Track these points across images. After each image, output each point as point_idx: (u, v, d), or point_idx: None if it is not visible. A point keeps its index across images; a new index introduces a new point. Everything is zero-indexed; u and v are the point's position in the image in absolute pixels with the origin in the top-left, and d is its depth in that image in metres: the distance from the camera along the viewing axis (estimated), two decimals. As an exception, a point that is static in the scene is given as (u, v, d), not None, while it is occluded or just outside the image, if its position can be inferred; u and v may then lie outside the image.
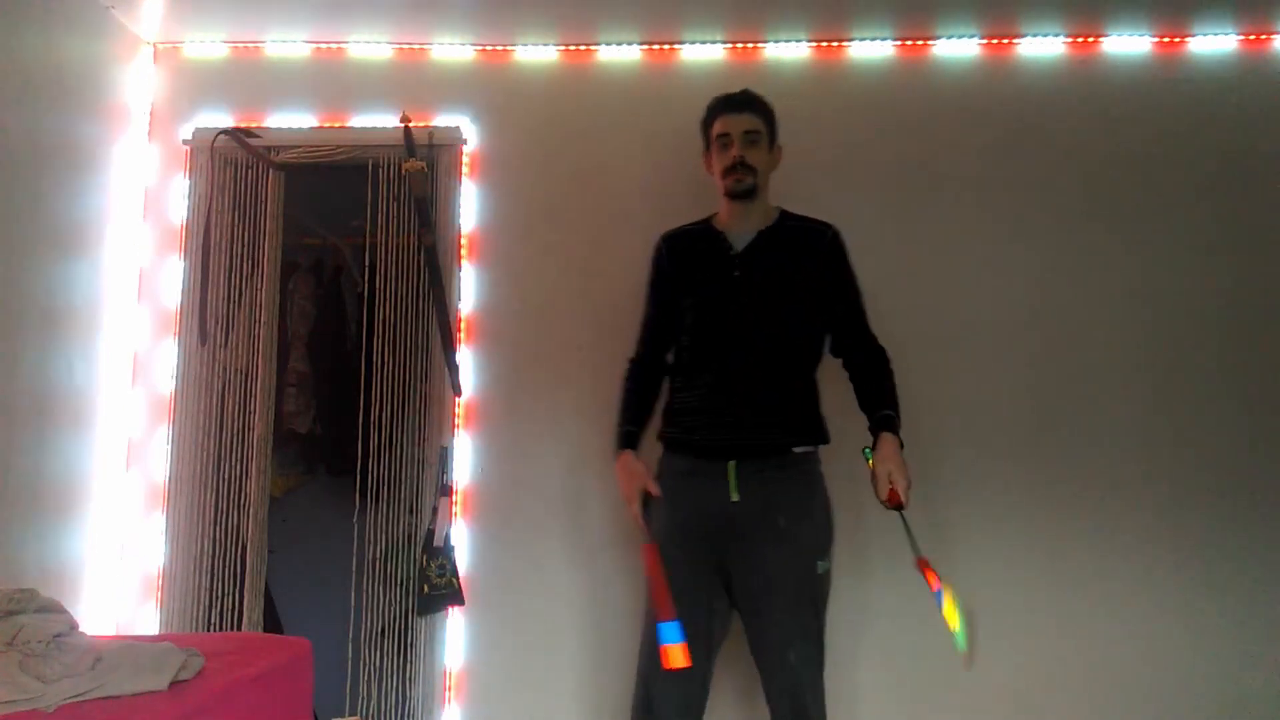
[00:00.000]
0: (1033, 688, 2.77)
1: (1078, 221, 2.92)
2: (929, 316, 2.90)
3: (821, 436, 2.25)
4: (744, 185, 2.24)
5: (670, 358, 2.35)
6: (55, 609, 1.80)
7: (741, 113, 2.28)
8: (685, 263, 2.32)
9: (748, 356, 2.19)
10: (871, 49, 3.01)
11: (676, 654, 1.86)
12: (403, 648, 2.90)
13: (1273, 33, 2.96)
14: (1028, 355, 2.88)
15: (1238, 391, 2.85)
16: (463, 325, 2.94)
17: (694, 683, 2.13)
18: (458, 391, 2.89)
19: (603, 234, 2.96)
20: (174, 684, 1.60)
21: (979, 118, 2.97)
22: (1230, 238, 2.90)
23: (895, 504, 2.07)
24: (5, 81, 2.36)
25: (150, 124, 3.01)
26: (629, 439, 2.27)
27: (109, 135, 2.83)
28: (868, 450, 2.14)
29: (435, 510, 2.83)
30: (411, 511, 2.94)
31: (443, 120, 3.00)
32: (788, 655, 2.09)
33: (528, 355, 2.94)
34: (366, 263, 3.02)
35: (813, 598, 2.14)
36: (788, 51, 3.02)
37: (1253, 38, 2.96)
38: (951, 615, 1.98)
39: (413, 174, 2.89)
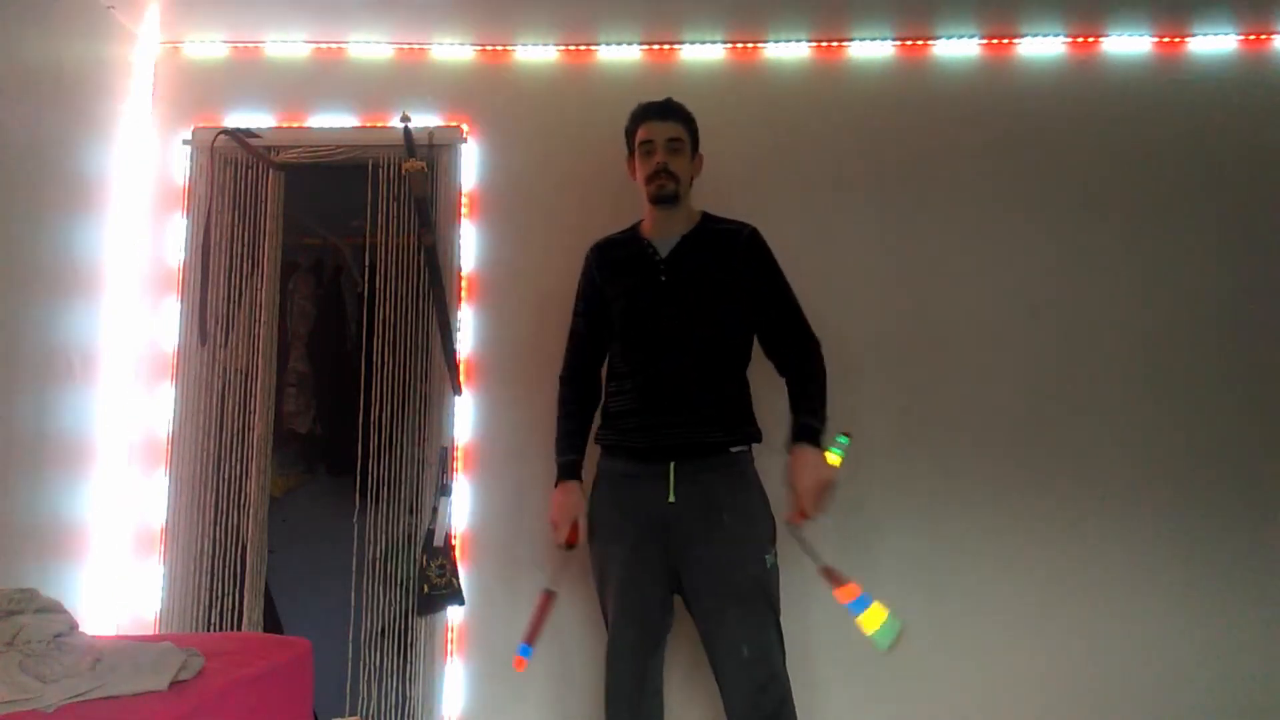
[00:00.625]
0: (1031, 687, 2.77)
1: (1077, 221, 2.92)
2: (928, 317, 2.90)
3: (755, 435, 2.28)
4: (666, 191, 2.29)
5: (603, 370, 2.39)
6: (55, 609, 1.80)
7: (665, 120, 2.33)
8: (613, 270, 2.37)
9: (680, 358, 2.22)
10: (872, 49, 3.01)
11: (520, 662, 2.23)
12: (403, 648, 2.90)
13: (1273, 33, 2.96)
14: (1027, 355, 2.88)
15: (1238, 391, 2.85)
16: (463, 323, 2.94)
17: (642, 670, 2.20)
18: (458, 391, 2.89)
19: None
20: (174, 684, 1.59)
21: (979, 118, 2.97)
22: (1230, 238, 2.90)
23: (797, 523, 2.10)
24: (5, 82, 2.36)
25: (150, 124, 3.01)
26: (569, 469, 2.31)
27: (109, 135, 2.83)
28: (841, 437, 2.14)
29: (435, 510, 2.83)
30: (411, 511, 2.94)
31: (442, 120, 3.00)
32: (741, 650, 2.09)
33: (527, 358, 2.94)
34: (366, 263, 3.02)
35: (765, 592, 2.15)
36: (788, 52, 3.02)
37: (1253, 38, 2.96)
38: (870, 621, 2.00)
39: (413, 174, 2.89)
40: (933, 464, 2.84)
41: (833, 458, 2.11)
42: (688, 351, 2.22)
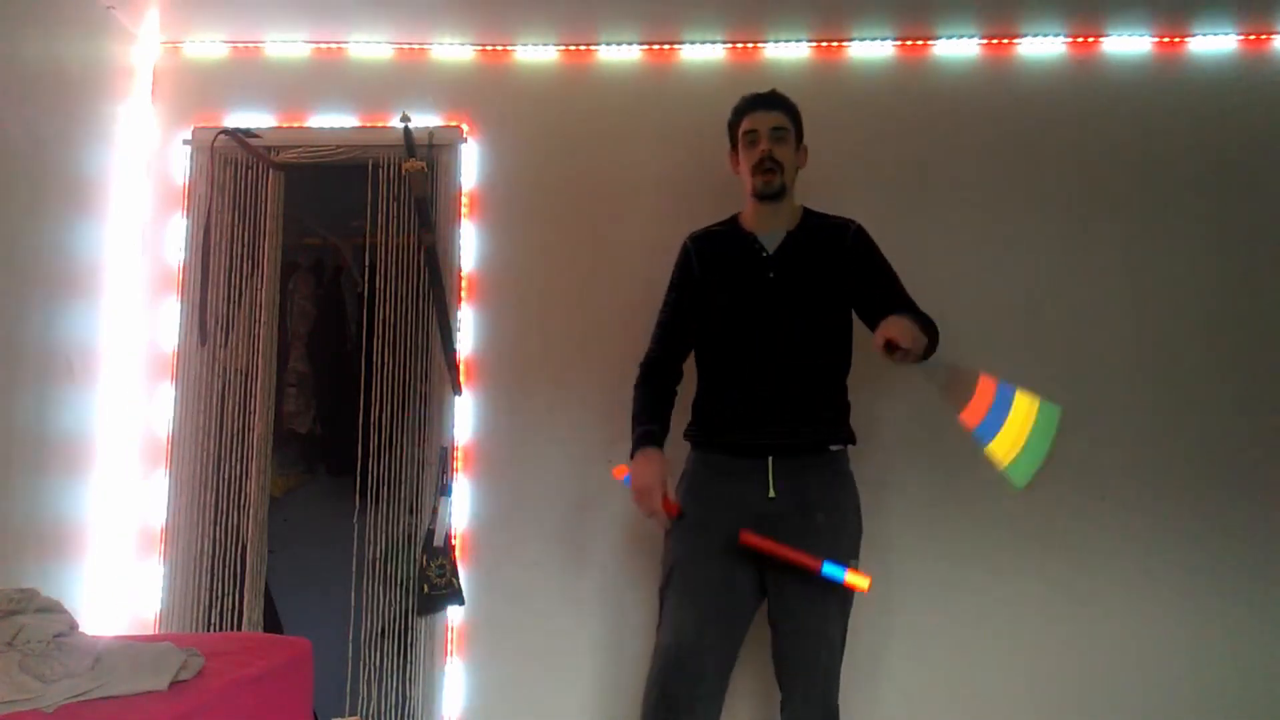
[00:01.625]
0: (1031, 687, 2.77)
1: (1077, 221, 2.92)
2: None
3: (852, 437, 2.28)
4: (773, 186, 2.24)
5: (691, 359, 2.35)
6: (55, 609, 1.80)
7: (770, 110, 2.29)
8: (716, 265, 2.31)
9: (785, 356, 2.19)
10: (872, 49, 3.01)
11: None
12: (403, 648, 2.90)
13: (1273, 33, 2.96)
14: (1027, 355, 2.88)
15: (1237, 391, 2.84)
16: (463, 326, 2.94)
17: (710, 678, 2.09)
18: (458, 391, 2.89)
19: (602, 234, 2.96)
20: (174, 684, 1.59)
21: (979, 118, 2.97)
22: (1230, 237, 2.90)
23: (891, 350, 1.97)
24: (5, 82, 2.36)
25: (150, 124, 3.01)
26: (650, 436, 2.21)
27: (109, 135, 2.83)
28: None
29: (435, 510, 2.83)
30: (411, 511, 2.94)
31: (442, 120, 3.00)
32: (820, 654, 2.10)
33: (528, 360, 2.94)
34: (366, 263, 3.02)
35: (843, 598, 2.15)
36: (788, 52, 3.02)
37: (1253, 37, 2.96)
38: (1006, 444, 1.78)
39: (413, 174, 2.90)
40: (933, 464, 2.84)
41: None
42: (794, 350, 2.20)
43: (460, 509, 2.87)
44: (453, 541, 2.82)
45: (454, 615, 2.83)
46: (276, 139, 3.00)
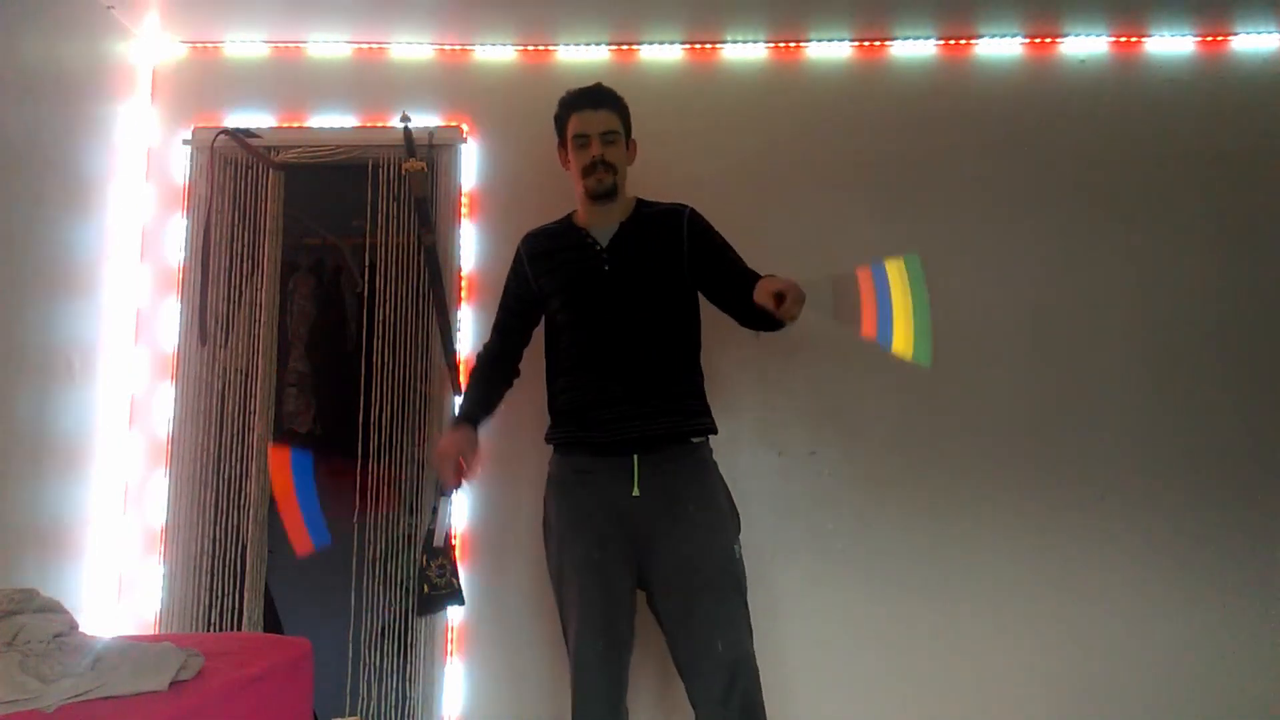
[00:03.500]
0: (1032, 686, 2.77)
1: (1076, 221, 2.92)
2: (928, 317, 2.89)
3: (712, 426, 2.23)
4: (605, 185, 2.22)
5: (544, 358, 2.32)
6: (55, 609, 1.80)
7: (598, 109, 2.25)
8: (549, 263, 2.28)
9: (633, 349, 2.15)
10: (872, 49, 3.01)
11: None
12: (403, 648, 2.90)
13: (1272, 33, 2.96)
14: (1028, 355, 2.88)
15: (1238, 390, 2.85)
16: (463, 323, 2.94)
17: (613, 681, 2.09)
18: (458, 391, 2.89)
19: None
20: (174, 684, 1.60)
21: (979, 118, 2.97)
22: (1229, 236, 2.90)
23: (781, 299, 1.88)
24: (5, 82, 2.36)
25: (150, 124, 3.01)
26: (467, 417, 2.25)
27: (109, 135, 2.83)
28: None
29: (435, 510, 2.83)
30: (411, 511, 2.94)
31: (442, 120, 3.00)
32: (716, 644, 2.02)
33: (526, 358, 2.93)
34: (366, 263, 3.02)
35: (736, 583, 2.10)
36: (787, 53, 3.02)
37: (1253, 37, 2.97)
38: (902, 332, 1.67)
39: (413, 174, 2.90)
40: (934, 464, 2.84)
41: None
42: (640, 341, 2.16)
43: (460, 509, 2.87)
44: (453, 542, 2.82)
45: (454, 615, 2.83)
46: (276, 139, 3.00)
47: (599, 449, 2.15)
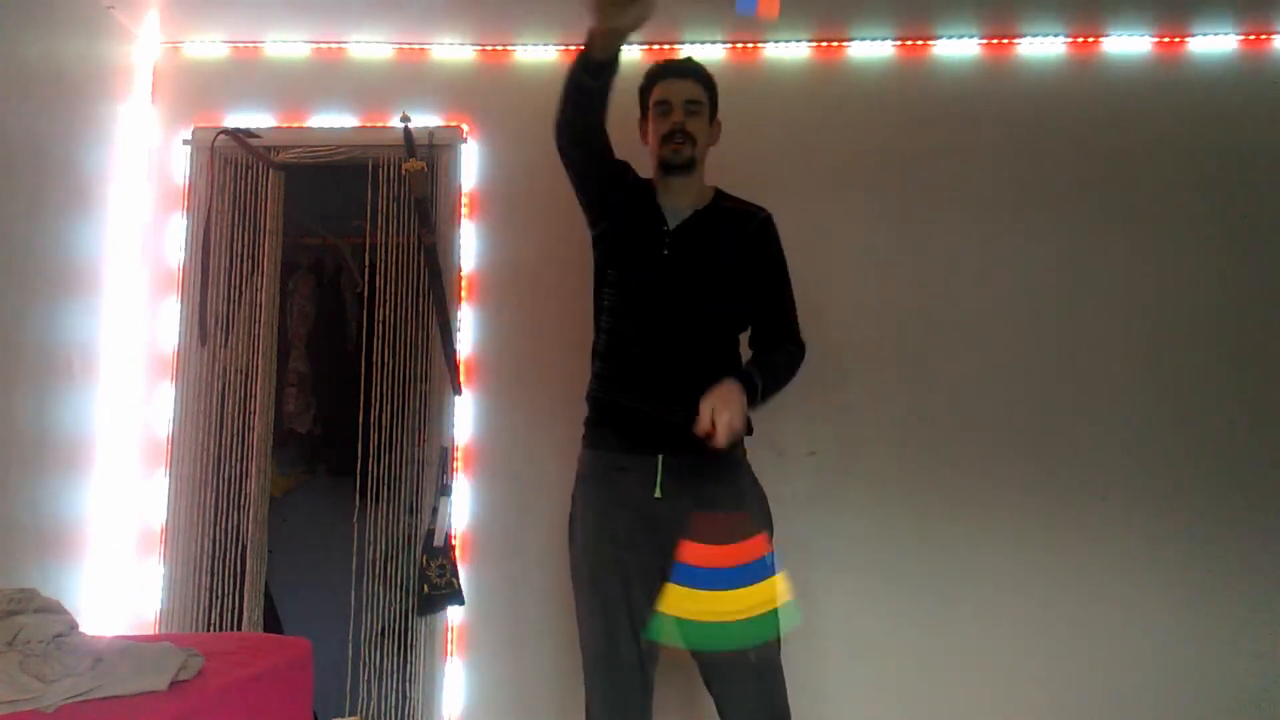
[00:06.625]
0: (1033, 685, 2.77)
1: (1077, 221, 2.92)
2: (929, 317, 2.90)
3: (748, 426, 2.09)
4: (681, 156, 2.11)
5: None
6: (55, 609, 1.80)
7: (685, 79, 2.15)
8: (625, 205, 2.16)
9: (675, 343, 2.06)
10: (872, 49, 3.01)
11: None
12: (403, 648, 2.90)
13: (1273, 32, 2.96)
14: (1028, 355, 2.88)
15: (1239, 390, 2.85)
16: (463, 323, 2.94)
17: (636, 690, 2.05)
18: (458, 391, 2.89)
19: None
20: (174, 684, 1.59)
21: (980, 118, 2.96)
22: (1231, 237, 2.90)
23: (707, 435, 1.87)
24: (5, 82, 2.36)
25: (150, 124, 3.01)
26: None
27: (109, 135, 2.83)
28: None
29: (435, 510, 2.83)
30: (411, 511, 2.94)
31: (442, 120, 3.00)
32: (748, 655, 1.94)
33: (528, 360, 2.94)
34: (366, 263, 3.02)
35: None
36: (788, 52, 3.02)
37: (1253, 37, 2.96)
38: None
39: (413, 174, 2.90)
40: (934, 464, 2.84)
41: None
42: (684, 337, 2.06)
43: (460, 509, 2.87)
44: (453, 541, 2.82)
45: (454, 615, 2.83)
46: (276, 139, 3.00)
47: (630, 446, 2.07)
